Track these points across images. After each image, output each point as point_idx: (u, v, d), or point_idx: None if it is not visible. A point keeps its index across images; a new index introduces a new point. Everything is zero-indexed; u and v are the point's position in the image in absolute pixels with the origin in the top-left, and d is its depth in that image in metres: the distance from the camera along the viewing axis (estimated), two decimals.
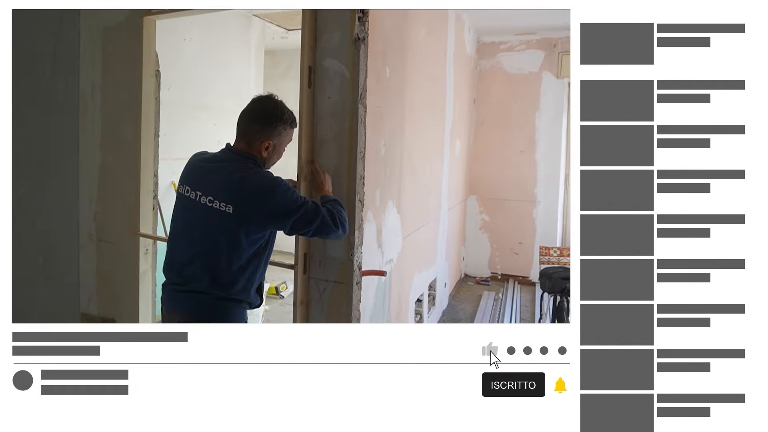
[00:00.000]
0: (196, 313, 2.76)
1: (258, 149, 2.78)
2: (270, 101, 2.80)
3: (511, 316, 7.38)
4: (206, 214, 2.71)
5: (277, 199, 2.64)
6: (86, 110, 3.90)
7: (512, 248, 9.14)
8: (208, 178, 2.75)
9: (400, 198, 4.78)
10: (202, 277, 2.75)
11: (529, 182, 8.89)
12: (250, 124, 2.78)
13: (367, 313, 4.03)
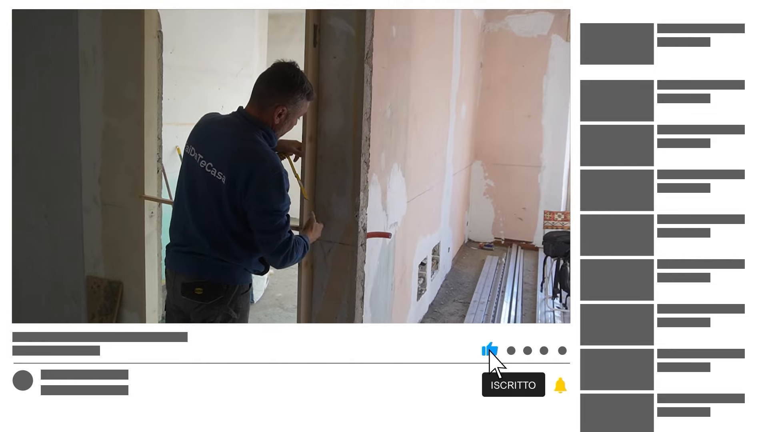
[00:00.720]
0: (199, 273, 2.76)
1: (271, 114, 2.71)
2: (291, 68, 2.71)
3: (513, 280, 7.40)
4: (205, 180, 2.69)
5: (267, 186, 2.59)
6: (87, 72, 3.83)
7: (516, 213, 9.14)
8: (212, 143, 2.72)
9: (405, 161, 4.75)
10: (203, 240, 2.74)
11: (535, 147, 8.84)
12: (268, 86, 2.71)
13: (371, 275, 4.03)
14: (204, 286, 2.76)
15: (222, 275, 2.75)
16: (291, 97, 2.70)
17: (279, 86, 2.69)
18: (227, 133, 2.71)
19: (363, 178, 3.07)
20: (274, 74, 2.72)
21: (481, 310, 6.27)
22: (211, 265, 2.74)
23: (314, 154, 3.11)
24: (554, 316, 6.25)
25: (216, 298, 2.75)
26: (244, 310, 2.86)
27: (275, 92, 2.69)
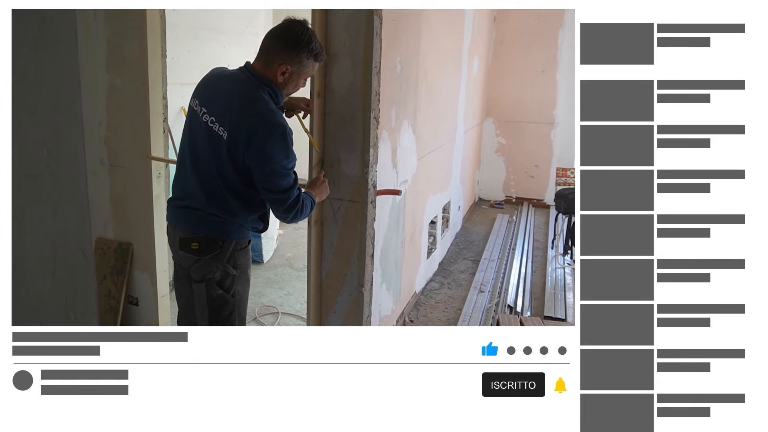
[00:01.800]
0: (195, 228, 2.75)
1: (274, 72, 2.63)
2: (301, 25, 2.62)
3: (524, 238, 7.41)
4: (207, 134, 2.66)
5: (270, 143, 2.54)
6: (88, 31, 3.79)
7: (528, 171, 9.08)
8: (216, 98, 2.67)
9: (415, 118, 4.68)
10: (200, 195, 2.73)
11: (548, 103, 8.74)
12: (274, 43, 2.63)
13: (381, 232, 3.99)
14: (199, 240, 2.74)
15: (217, 231, 2.73)
16: (296, 56, 2.61)
17: (285, 43, 2.60)
18: (232, 88, 2.65)
19: (373, 135, 3.01)
20: (281, 30, 2.63)
21: (491, 268, 6.28)
22: (207, 220, 2.72)
23: (323, 110, 3.05)
24: (564, 272, 6.27)
25: (212, 252, 2.73)
26: (244, 266, 2.83)
27: (280, 49, 2.61)
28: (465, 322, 4.97)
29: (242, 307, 2.90)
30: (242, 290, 2.86)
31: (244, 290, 2.87)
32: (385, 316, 4.41)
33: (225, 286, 2.79)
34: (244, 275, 2.85)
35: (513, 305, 5.41)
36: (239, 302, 2.86)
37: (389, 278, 4.41)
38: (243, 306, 2.90)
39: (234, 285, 2.81)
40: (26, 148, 0.88)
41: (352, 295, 3.25)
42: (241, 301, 2.87)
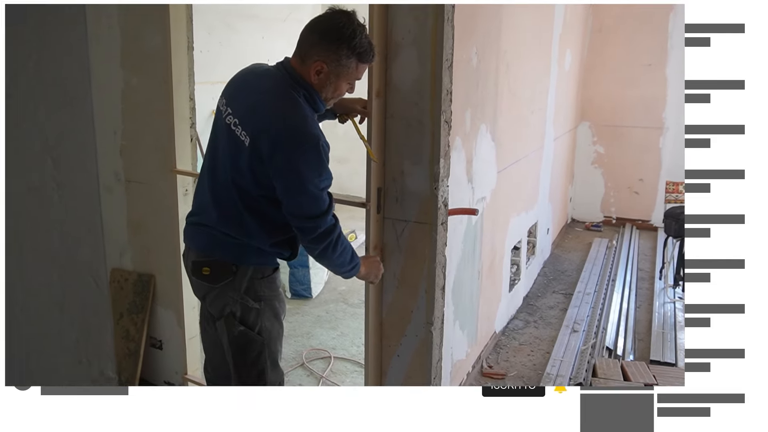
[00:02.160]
0: (206, 249, 2.77)
1: (308, 70, 2.62)
2: (346, 17, 2.58)
3: (627, 266, 7.29)
4: (228, 138, 2.67)
5: (297, 157, 2.51)
6: (99, 20, 3.84)
7: (631, 186, 8.93)
8: (242, 97, 2.69)
9: (495, 122, 4.63)
10: (212, 210, 2.75)
11: (656, 104, 8.58)
12: (310, 34, 2.62)
13: (453, 260, 3.94)
14: (211, 265, 2.75)
15: (230, 253, 2.73)
16: (334, 52, 2.57)
17: (321, 36, 2.58)
18: (262, 87, 2.65)
19: (443, 142, 2.97)
20: (320, 21, 2.62)
21: (587, 303, 6.19)
22: (219, 240, 2.73)
23: (383, 112, 3.03)
24: (674, 307, 6.14)
25: (224, 280, 2.74)
26: (269, 298, 2.81)
27: (316, 43, 2.59)
28: (555, 367, 4.88)
29: (273, 346, 2.88)
30: (270, 326, 2.84)
31: (272, 326, 2.85)
32: (458, 360, 4.34)
33: (248, 323, 2.78)
34: (271, 309, 2.83)
35: (613, 347, 5.32)
36: (268, 341, 2.84)
37: (463, 315, 4.35)
38: (274, 345, 2.88)
39: (259, 320, 2.79)
40: (26, 155, 0.86)
41: (419, 336, 3.20)
42: (270, 339, 2.85)
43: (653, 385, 4.58)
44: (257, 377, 2.85)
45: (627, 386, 4.58)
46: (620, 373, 4.76)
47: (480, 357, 4.91)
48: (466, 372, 4.59)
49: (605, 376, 4.72)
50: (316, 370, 4.82)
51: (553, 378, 4.69)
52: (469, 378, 4.66)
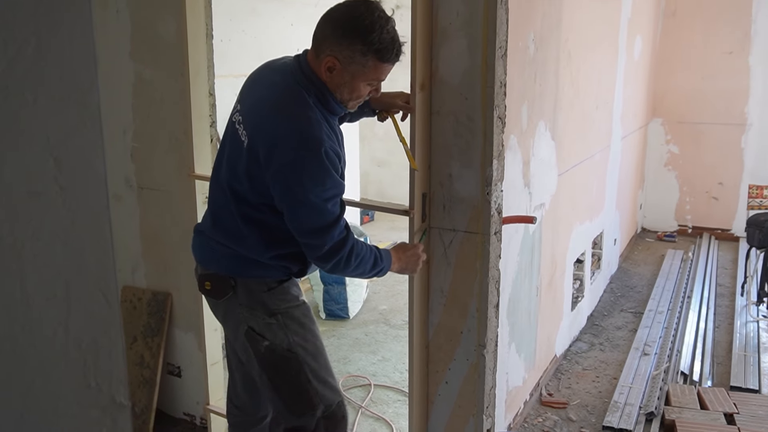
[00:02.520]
0: (205, 261, 2.80)
1: (320, 66, 2.59)
2: (367, 6, 2.53)
3: (704, 281, 7.22)
4: (231, 138, 2.69)
5: (296, 163, 2.49)
6: (106, 5, 3.85)
7: (709, 191, 8.86)
8: (251, 92, 2.71)
9: (555, 118, 4.61)
10: (207, 216, 2.80)
11: (738, 97, 8.50)
12: (324, 23, 2.59)
13: (508, 275, 3.92)
14: (211, 279, 2.78)
15: (226, 266, 2.74)
16: (347, 47, 2.53)
17: (335, 27, 2.54)
18: (271, 81, 2.66)
19: (497, 142, 2.95)
20: (337, 8, 2.58)
21: (659, 323, 6.15)
22: (215, 251, 2.75)
23: (428, 108, 3.01)
24: (758, 327, 6.07)
25: (225, 295, 2.76)
26: (286, 309, 2.78)
27: (329, 35, 2.56)
28: (623, 395, 4.83)
29: (313, 362, 2.83)
30: (301, 340, 2.80)
31: (305, 339, 2.81)
32: (514, 388, 4.30)
33: (272, 339, 2.77)
34: (293, 320, 2.80)
35: (688, 372, 5.26)
36: (305, 356, 2.81)
37: (520, 337, 4.32)
38: (314, 360, 2.84)
39: (285, 335, 2.77)
40: (26, 155, 0.85)
41: (470, 360, 3.17)
42: (307, 353, 2.81)
43: (734, 414, 4.53)
44: (305, 400, 2.83)
45: (704, 414, 4.53)
46: (696, 400, 4.71)
47: (539, 383, 4.87)
48: (523, 400, 4.56)
49: (680, 404, 4.67)
50: (354, 399, 4.82)
51: (621, 407, 4.64)
52: (526, 407, 4.63)
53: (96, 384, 0.91)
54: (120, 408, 0.94)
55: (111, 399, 0.94)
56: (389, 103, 3.03)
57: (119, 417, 0.96)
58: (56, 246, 0.87)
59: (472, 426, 3.24)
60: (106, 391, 0.93)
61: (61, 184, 0.86)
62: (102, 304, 0.92)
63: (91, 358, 0.92)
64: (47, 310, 0.87)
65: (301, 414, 2.85)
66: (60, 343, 0.88)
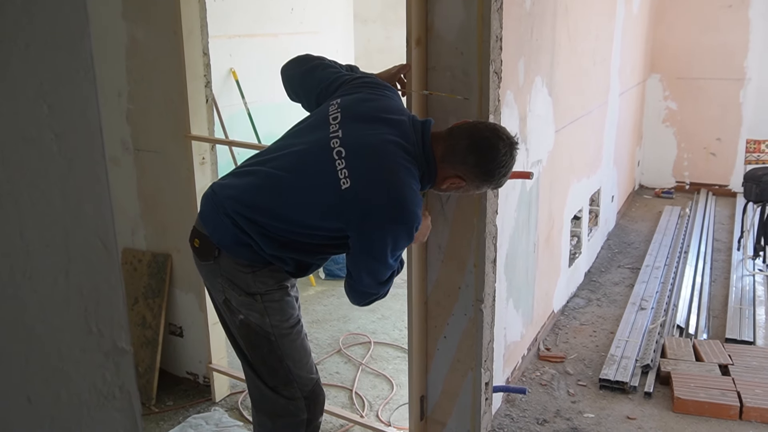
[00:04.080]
0: (205, 220, 2.76)
1: (444, 173, 2.70)
2: (509, 149, 2.67)
3: (701, 237, 7.27)
4: (318, 153, 2.64)
5: (386, 235, 2.57)
6: None
7: (707, 147, 8.85)
8: (362, 130, 2.66)
9: (552, 74, 4.59)
10: (237, 181, 2.74)
11: (737, 52, 8.46)
12: (469, 151, 2.66)
13: (506, 231, 3.93)
14: (201, 238, 2.78)
15: (221, 236, 2.71)
16: (481, 181, 2.71)
17: (479, 162, 2.66)
18: (385, 140, 2.63)
19: (493, 97, 2.95)
20: (484, 143, 2.66)
21: (656, 278, 6.18)
22: (219, 217, 2.71)
23: (424, 63, 3.01)
24: (754, 281, 6.11)
25: (207, 260, 2.77)
26: (265, 292, 2.76)
27: (470, 165, 2.67)
28: (620, 348, 4.87)
29: (287, 345, 2.85)
30: (279, 323, 2.81)
31: (281, 323, 2.82)
32: (512, 342, 4.34)
33: (248, 315, 2.78)
34: (272, 304, 2.79)
35: (684, 326, 5.31)
36: (279, 339, 2.82)
37: (518, 293, 4.35)
38: (290, 344, 2.85)
39: (262, 317, 2.77)
40: (18, 101, 0.85)
41: (468, 315, 3.19)
42: (282, 338, 2.82)
43: (728, 365, 4.57)
44: (279, 376, 2.86)
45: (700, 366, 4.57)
46: (692, 352, 4.76)
47: (536, 338, 4.91)
48: (521, 355, 4.59)
49: (675, 356, 4.71)
50: (354, 356, 4.86)
51: (618, 360, 4.67)
52: (524, 361, 4.66)
53: (98, 329, 0.93)
54: (122, 353, 0.96)
55: (113, 344, 0.95)
56: (393, 80, 3.01)
57: (122, 362, 0.98)
58: (54, 194, 0.88)
59: (470, 379, 3.27)
60: (108, 336, 0.94)
61: (55, 131, 0.86)
62: (101, 251, 0.93)
63: (91, 304, 0.93)
64: (47, 257, 0.88)
65: (274, 387, 2.87)
66: (61, 289, 0.89)
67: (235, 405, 4.19)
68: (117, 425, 1.00)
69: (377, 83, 2.84)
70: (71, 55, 0.88)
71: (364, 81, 2.84)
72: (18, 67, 0.82)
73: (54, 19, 0.86)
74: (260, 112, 6.27)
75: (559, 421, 4.13)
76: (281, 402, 2.89)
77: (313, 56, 3.03)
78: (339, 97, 2.77)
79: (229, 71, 5.86)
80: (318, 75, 2.92)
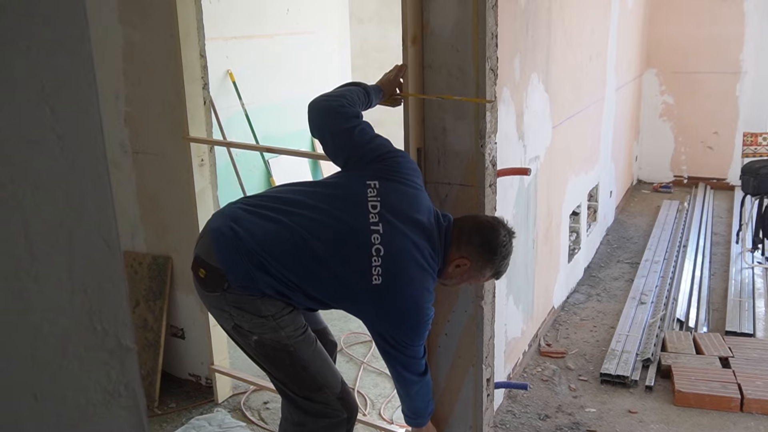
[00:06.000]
0: (215, 248, 2.71)
1: (454, 256, 2.82)
2: (508, 237, 2.86)
3: (700, 231, 7.27)
4: (359, 248, 2.69)
5: (405, 327, 2.79)
6: None
7: (705, 141, 8.86)
8: (401, 238, 2.72)
9: (548, 70, 4.60)
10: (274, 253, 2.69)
11: (732, 45, 8.47)
12: (476, 232, 2.84)
13: None
14: (208, 269, 2.73)
15: (235, 273, 2.68)
16: (483, 262, 2.85)
17: (483, 244, 2.83)
18: (417, 249, 2.75)
19: (489, 94, 2.95)
20: (488, 229, 2.87)
21: (655, 272, 6.19)
22: (238, 260, 2.67)
23: (421, 61, 3.01)
24: (753, 273, 6.12)
25: (214, 291, 2.74)
26: (275, 313, 2.75)
27: (476, 245, 2.82)
28: (620, 343, 4.88)
29: (306, 352, 2.84)
30: (293, 333, 2.80)
31: (296, 333, 2.81)
32: (513, 338, 4.35)
33: (262, 334, 2.78)
34: (284, 321, 2.78)
35: (684, 319, 5.33)
36: (297, 349, 2.81)
37: (517, 289, 4.36)
38: (307, 350, 2.85)
39: (276, 332, 2.77)
40: (20, 103, 0.87)
41: (468, 311, 3.20)
42: (299, 346, 2.82)
43: (728, 357, 4.58)
44: (307, 383, 2.87)
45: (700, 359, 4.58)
46: (692, 346, 4.77)
47: (537, 334, 4.92)
48: (522, 351, 4.60)
49: (676, 350, 4.72)
50: (356, 355, 4.86)
51: (618, 354, 4.68)
52: (525, 357, 4.67)
53: (102, 328, 0.94)
54: (126, 351, 0.97)
55: (117, 342, 0.96)
56: (394, 85, 3.02)
57: (126, 359, 0.99)
58: (57, 194, 0.89)
59: (471, 376, 3.28)
60: (112, 334, 0.95)
61: (58, 133, 0.87)
62: (104, 250, 0.94)
63: (95, 303, 0.94)
64: (51, 256, 0.89)
65: (306, 396, 2.89)
66: (65, 288, 0.90)
67: (237, 406, 4.20)
68: (122, 422, 1.01)
69: (409, 167, 2.87)
70: (72, 57, 0.89)
71: (397, 161, 2.84)
72: (20, 69, 0.83)
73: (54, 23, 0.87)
74: (257, 113, 6.27)
75: (560, 416, 4.14)
76: (318, 407, 2.91)
77: (351, 111, 2.89)
78: (376, 178, 2.76)
79: (226, 73, 5.87)
80: (356, 139, 2.85)
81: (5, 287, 0.84)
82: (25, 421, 0.89)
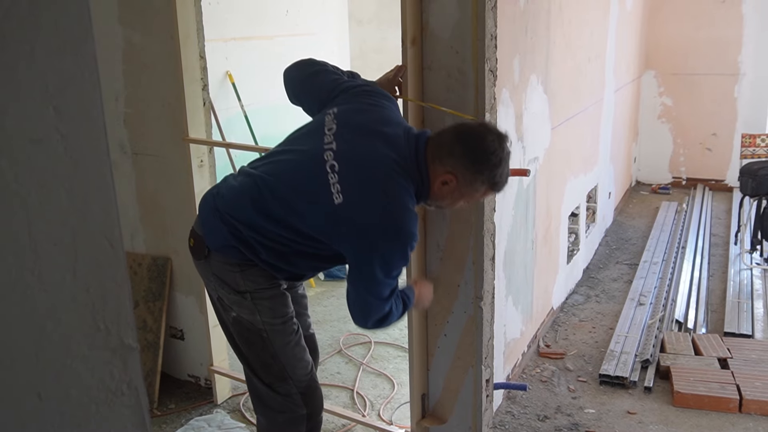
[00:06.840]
0: (204, 224, 2.77)
1: (436, 174, 2.62)
2: (498, 140, 2.61)
3: (698, 232, 7.26)
4: (311, 166, 2.63)
5: (383, 254, 2.54)
6: None
7: (703, 142, 8.85)
8: (355, 144, 2.64)
9: (547, 72, 4.60)
10: (235, 185, 2.74)
11: (731, 47, 8.45)
12: (455, 142, 2.60)
13: (503, 228, 3.94)
14: (196, 238, 2.81)
15: (213, 237, 2.74)
16: (472, 174, 2.60)
17: (466, 151, 2.59)
18: (380, 153, 2.61)
19: (488, 95, 2.96)
20: (471, 135, 2.63)
21: (654, 273, 6.19)
22: (216, 225, 2.73)
23: (420, 63, 3.02)
24: (751, 274, 6.12)
25: (198, 258, 2.81)
26: (254, 290, 2.77)
27: (459, 155, 2.59)
28: (619, 344, 4.88)
29: (279, 342, 2.86)
30: (270, 320, 2.82)
31: (273, 320, 2.83)
32: (512, 339, 4.35)
33: (240, 312, 2.80)
34: (263, 302, 2.80)
35: (683, 320, 5.32)
36: (271, 336, 2.83)
37: (516, 290, 4.36)
38: (282, 340, 2.86)
39: (253, 314, 2.79)
40: (25, 103, 0.87)
41: (468, 312, 3.20)
42: (274, 334, 2.83)
43: (727, 358, 4.58)
44: (273, 372, 2.88)
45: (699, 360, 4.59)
46: (691, 347, 4.78)
47: (536, 335, 4.92)
48: (521, 352, 4.60)
49: (675, 351, 4.73)
50: (355, 356, 4.87)
51: (617, 355, 4.69)
52: (524, 358, 4.68)
53: (105, 327, 0.94)
54: (129, 350, 0.97)
55: (120, 341, 0.97)
56: (393, 84, 3.01)
57: (129, 358, 0.99)
58: (61, 193, 0.89)
59: (471, 376, 3.28)
60: (115, 334, 0.96)
61: (62, 132, 0.88)
62: (108, 249, 0.95)
63: (99, 302, 0.95)
64: (55, 255, 0.89)
65: (270, 384, 2.90)
66: (69, 287, 0.91)
67: (237, 407, 4.20)
68: (125, 421, 1.02)
69: (376, 92, 2.81)
70: (75, 58, 0.90)
71: (364, 89, 2.81)
72: (24, 70, 0.84)
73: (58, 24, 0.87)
74: (257, 114, 6.27)
75: (559, 417, 4.14)
76: (278, 399, 2.91)
77: (316, 61, 2.99)
78: (336, 105, 2.74)
79: (225, 74, 5.87)
80: (319, 81, 2.89)
81: (9, 286, 0.85)
82: (30, 420, 0.89)
